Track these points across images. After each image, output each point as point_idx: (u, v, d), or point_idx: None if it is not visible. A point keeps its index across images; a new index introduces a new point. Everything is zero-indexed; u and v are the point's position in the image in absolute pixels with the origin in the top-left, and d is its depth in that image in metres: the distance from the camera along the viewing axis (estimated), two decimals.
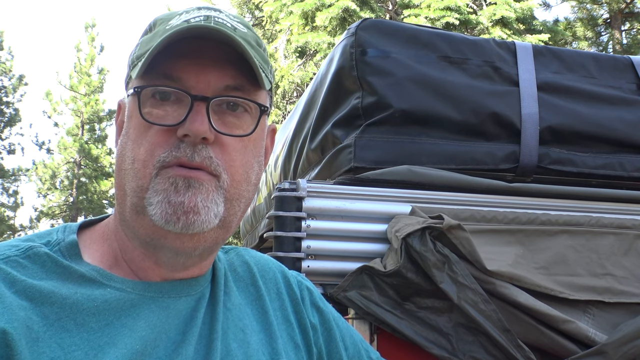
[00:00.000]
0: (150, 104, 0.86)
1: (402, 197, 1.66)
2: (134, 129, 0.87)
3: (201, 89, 0.85)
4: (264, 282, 1.02)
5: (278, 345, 0.95)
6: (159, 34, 0.87)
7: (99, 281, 0.86)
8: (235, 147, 0.87)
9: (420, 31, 1.85)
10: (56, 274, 0.85)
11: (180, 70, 0.85)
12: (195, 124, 0.83)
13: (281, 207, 1.61)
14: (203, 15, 0.88)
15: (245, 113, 0.89)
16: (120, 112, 0.96)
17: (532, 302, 1.53)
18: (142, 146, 0.85)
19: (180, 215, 0.83)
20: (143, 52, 0.87)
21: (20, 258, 0.85)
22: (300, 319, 1.01)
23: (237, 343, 0.91)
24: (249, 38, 0.89)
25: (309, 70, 12.09)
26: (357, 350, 1.07)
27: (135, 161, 0.85)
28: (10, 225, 21.53)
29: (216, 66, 0.86)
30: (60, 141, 21.73)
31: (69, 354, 0.77)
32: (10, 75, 21.36)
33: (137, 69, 0.84)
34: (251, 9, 14.67)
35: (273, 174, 2.61)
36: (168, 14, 0.92)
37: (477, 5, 11.74)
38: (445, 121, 1.76)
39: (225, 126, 0.87)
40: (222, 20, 0.87)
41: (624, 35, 15.37)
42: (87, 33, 21.93)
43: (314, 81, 2.11)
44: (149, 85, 0.85)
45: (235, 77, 0.87)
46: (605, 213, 1.75)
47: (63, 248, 0.89)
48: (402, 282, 1.52)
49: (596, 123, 1.86)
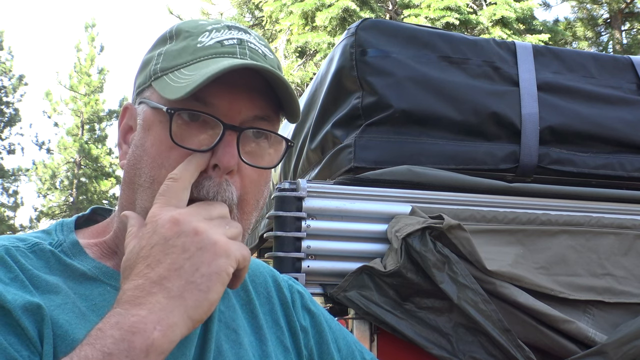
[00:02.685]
0: (178, 124, 0.85)
1: (402, 197, 1.66)
2: (154, 145, 0.86)
3: (232, 117, 0.85)
4: (254, 286, 1.03)
5: (268, 347, 0.96)
6: (188, 50, 0.87)
7: (99, 279, 0.88)
8: (252, 178, 0.88)
9: (420, 31, 1.85)
10: (59, 271, 0.87)
11: (214, 96, 0.84)
12: (227, 156, 0.83)
13: (281, 207, 1.61)
14: (236, 38, 0.88)
15: (265, 141, 0.89)
16: (126, 115, 0.95)
17: (532, 302, 1.53)
18: (164, 168, 0.85)
19: None
20: (170, 67, 0.87)
21: (28, 251, 0.87)
22: (290, 322, 1.02)
23: (229, 344, 0.93)
24: (275, 65, 0.90)
25: (309, 70, 12.09)
26: (351, 351, 1.07)
27: (154, 182, 0.85)
28: (10, 225, 21.53)
29: (248, 95, 0.86)
30: (60, 141, 21.73)
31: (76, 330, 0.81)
32: (10, 75, 21.37)
33: (176, 91, 0.83)
34: (251, 9, 14.67)
35: (273, 174, 2.61)
36: (193, 26, 0.91)
37: (477, 5, 11.74)
38: (445, 121, 1.76)
39: (249, 156, 0.87)
40: (254, 47, 0.88)
41: (624, 35, 15.38)
42: (87, 33, 21.94)
43: (314, 81, 2.11)
44: (184, 109, 0.84)
45: (264, 107, 0.87)
46: (605, 213, 1.75)
47: (66, 247, 0.91)
48: (402, 282, 1.52)
49: (596, 123, 1.86)
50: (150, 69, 0.90)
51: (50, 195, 22.13)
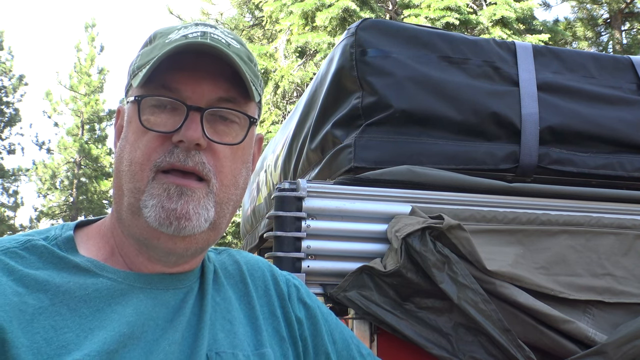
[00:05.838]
0: (148, 111, 0.93)
1: (402, 197, 1.66)
2: (132, 133, 0.95)
3: (196, 99, 0.93)
4: (252, 279, 1.09)
5: (263, 337, 1.02)
6: (158, 47, 0.95)
7: (92, 271, 0.93)
8: (226, 154, 0.95)
9: (421, 31, 1.85)
10: (52, 264, 0.92)
11: (178, 82, 0.92)
12: (190, 131, 0.91)
13: (281, 207, 1.61)
14: (200, 31, 0.95)
15: (235, 123, 0.96)
16: (119, 117, 1.03)
17: (532, 302, 1.53)
18: (138, 150, 0.93)
19: (172, 220, 0.90)
20: (143, 63, 0.95)
21: (19, 250, 0.92)
22: (286, 313, 1.08)
23: (224, 333, 0.98)
24: (242, 54, 0.97)
25: (309, 70, 12.08)
26: (347, 345, 1.13)
27: (132, 164, 0.93)
28: (10, 225, 21.53)
29: (211, 79, 0.94)
30: (60, 141, 21.73)
31: (61, 335, 0.85)
32: (10, 75, 21.36)
33: (138, 79, 0.92)
34: (251, 9, 14.67)
35: (273, 174, 2.61)
36: (167, 29, 1.00)
37: (477, 5, 11.73)
38: (445, 121, 1.76)
39: (217, 134, 0.94)
40: (217, 37, 0.95)
41: (624, 35, 15.37)
42: (87, 33, 21.94)
43: (314, 81, 2.11)
44: (149, 94, 0.93)
45: (228, 89, 0.95)
46: (605, 213, 1.75)
47: (60, 242, 0.96)
48: (402, 282, 1.52)
49: (596, 123, 1.85)
50: (130, 70, 1.00)
51: (50, 195, 22.12)
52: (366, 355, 1.16)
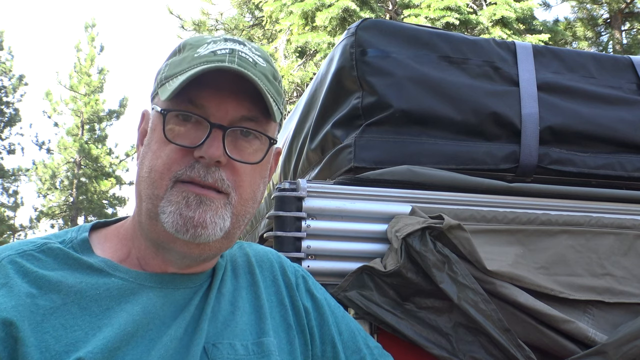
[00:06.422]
0: (173, 122, 0.97)
1: (402, 197, 1.66)
2: (155, 142, 0.98)
3: (220, 117, 0.96)
4: (261, 270, 1.14)
5: (267, 326, 1.05)
6: (187, 60, 0.98)
7: (105, 271, 0.96)
8: (245, 170, 0.99)
9: (420, 31, 1.85)
10: (67, 265, 0.96)
11: (203, 99, 0.96)
12: (212, 149, 0.94)
13: (281, 207, 1.61)
14: (229, 48, 0.98)
15: (256, 140, 1.00)
16: (143, 121, 1.07)
17: (532, 302, 1.53)
18: (160, 159, 0.96)
19: (189, 228, 0.93)
20: (171, 75, 0.98)
21: (35, 252, 0.96)
22: (294, 302, 1.12)
23: (224, 324, 1.02)
24: (267, 72, 1.00)
25: (309, 70, 12.08)
26: (353, 336, 1.16)
27: (152, 171, 0.97)
28: (10, 225, 21.53)
29: (235, 98, 0.97)
30: (60, 141, 21.73)
31: (70, 333, 0.89)
32: (10, 75, 21.36)
33: (166, 93, 0.95)
34: (251, 9, 14.67)
35: (273, 174, 2.61)
36: (197, 40, 1.02)
37: (477, 5, 11.73)
38: (445, 121, 1.76)
39: (237, 151, 0.98)
40: (245, 55, 0.98)
41: (624, 35, 15.37)
42: (87, 33, 21.94)
43: (314, 81, 2.11)
44: (175, 109, 0.96)
45: (251, 108, 0.98)
46: (605, 213, 1.75)
47: (75, 244, 1.00)
48: (402, 282, 1.52)
49: (596, 123, 1.85)
50: (158, 77, 1.02)
51: (50, 195, 22.12)
52: (373, 347, 1.18)
